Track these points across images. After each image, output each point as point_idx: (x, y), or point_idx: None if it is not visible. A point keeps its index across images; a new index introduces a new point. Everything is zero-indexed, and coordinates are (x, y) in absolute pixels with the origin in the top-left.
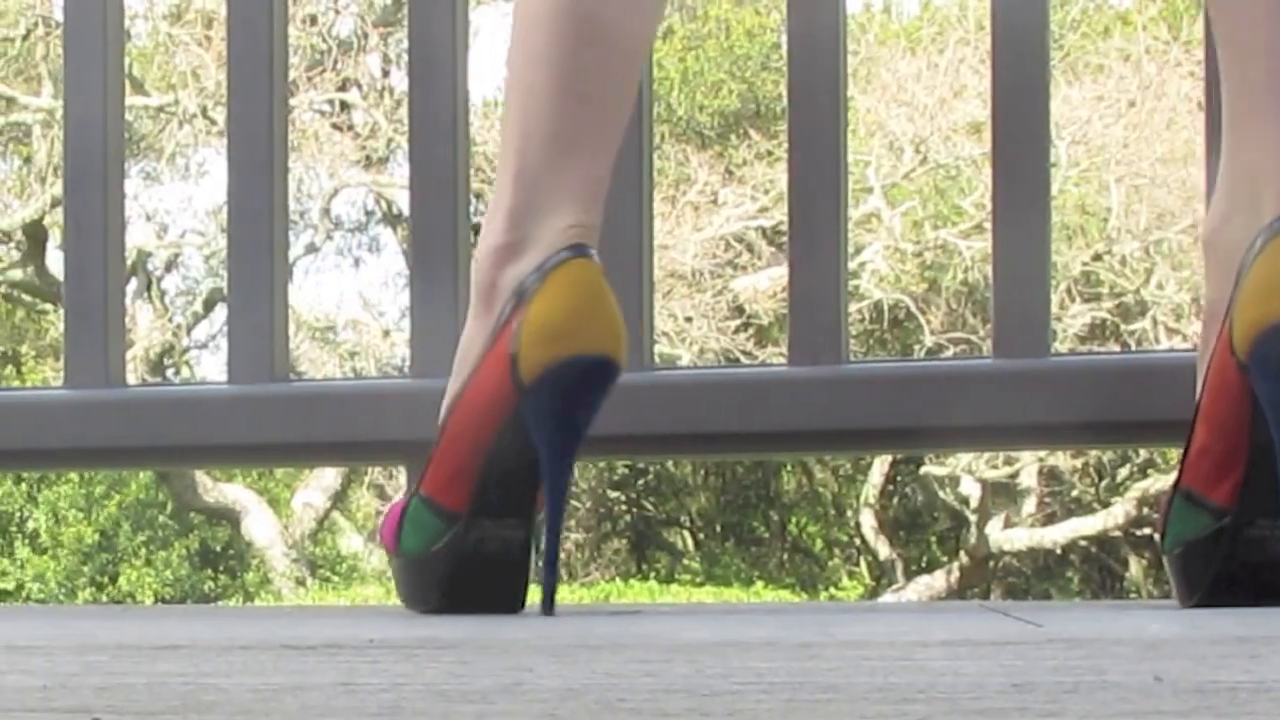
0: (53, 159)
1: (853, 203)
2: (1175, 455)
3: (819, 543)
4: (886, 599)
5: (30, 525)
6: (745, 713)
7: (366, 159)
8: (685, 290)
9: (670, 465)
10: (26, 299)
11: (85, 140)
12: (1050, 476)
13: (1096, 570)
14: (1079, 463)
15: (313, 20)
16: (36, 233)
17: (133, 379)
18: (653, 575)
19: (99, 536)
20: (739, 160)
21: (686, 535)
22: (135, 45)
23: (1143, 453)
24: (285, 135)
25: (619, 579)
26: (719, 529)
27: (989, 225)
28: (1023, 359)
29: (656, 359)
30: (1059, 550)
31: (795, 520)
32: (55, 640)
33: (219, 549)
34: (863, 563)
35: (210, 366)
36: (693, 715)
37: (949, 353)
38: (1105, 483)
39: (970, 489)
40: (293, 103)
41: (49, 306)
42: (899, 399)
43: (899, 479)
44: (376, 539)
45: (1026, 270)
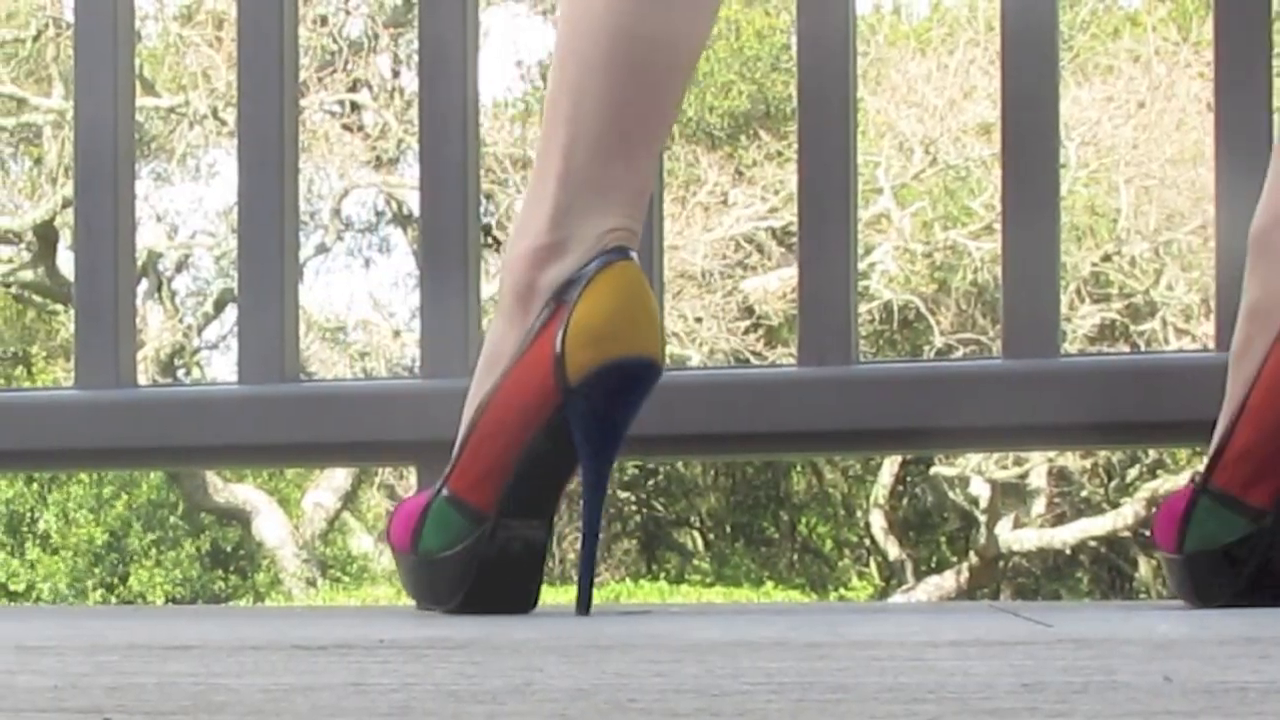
0: (63, 160)
1: (862, 203)
2: (1185, 456)
3: (829, 543)
4: (896, 599)
5: (41, 526)
6: (755, 713)
7: (377, 159)
8: (695, 291)
9: (680, 466)
10: (37, 299)
11: (96, 141)
12: (1060, 477)
13: (1106, 571)
14: (1088, 463)
15: (323, 21)
16: (47, 233)
17: (143, 379)
18: (663, 575)
19: (109, 537)
20: (749, 161)
21: (696, 536)
22: (146, 46)
23: (1152, 453)
24: (296, 136)
25: (629, 579)
26: (729, 529)
27: (999, 226)
28: (1032, 360)
29: (666, 360)
30: (1068, 551)
31: (805, 521)
32: (66, 640)
33: (229, 549)
34: (872, 563)
35: (221, 367)
36: (703, 715)
37: (958, 353)
38: (1115, 483)
39: (980, 489)
40: (303, 103)
41: (60, 307)
42: (909, 399)
43: (909, 479)
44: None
45: (1036, 271)
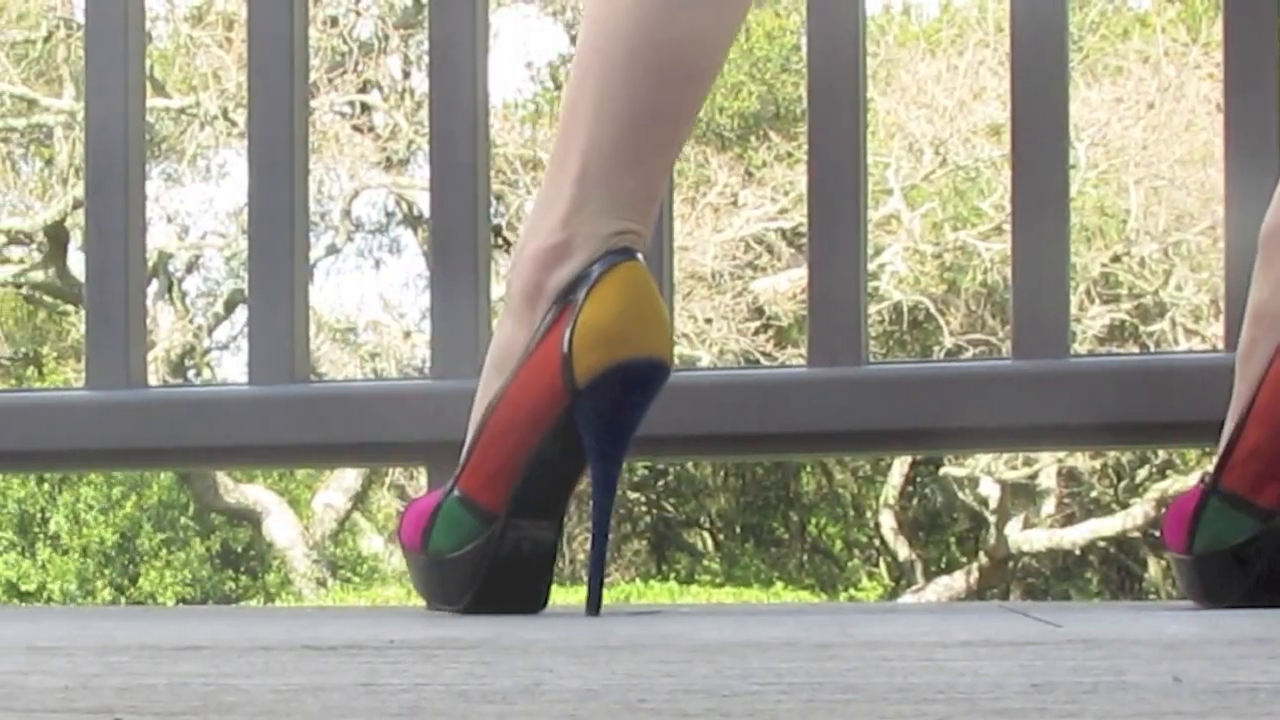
0: (74, 161)
1: (872, 204)
2: (1194, 456)
3: (838, 544)
4: (906, 600)
5: (51, 526)
6: (765, 713)
7: (387, 160)
8: (705, 292)
9: (690, 466)
10: (48, 300)
11: (106, 142)
12: (1069, 477)
13: (1115, 571)
14: (1098, 464)
15: (333, 22)
16: (58, 234)
17: (154, 380)
18: (673, 576)
19: (119, 538)
20: (759, 162)
21: (706, 536)
22: (156, 47)
23: (1161, 454)
24: (306, 137)
25: (639, 580)
26: (739, 530)
27: (1008, 227)
28: (1042, 360)
29: (676, 360)
30: (1078, 551)
31: (815, 521)
32: (76, 641)
33: (240, 550)
34: (882, 563)
35: (231, 368)
36: (712, 716)
37: (968, 354)
38: (1124, 484)
39: (989, 490)
40: (313, 104)
41: (70, 308)
42: (918, 400)
43: (918, 480)
44: (395, 538)
45: (1046, 272)
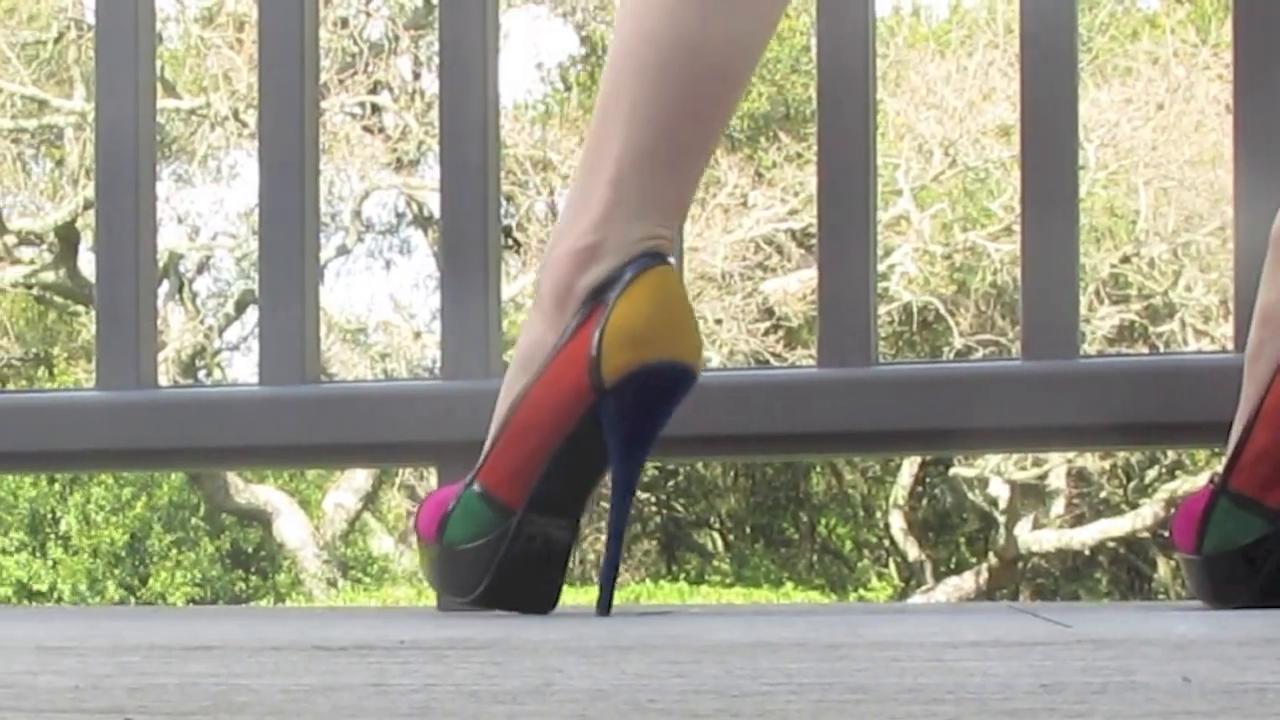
0: (85, 161)
1: (882, 205)
2: (1204, 457)
3: (848, 544)
4: (915, 600)
5: (62, 526)
6: (775, 713)
7: (397, 161)
8: (715, 292)
9: (700, 466)
10: (58, 301)
11: (117, 143)
12: (1079, 478)
13: (1125, 571)
14: (1107, 464)
15: (344, 23)
16: (68, 235)
17: (164, 381)
18: (683, 576)
19: (129, 538)
20: (769, 163)
21: (716, 536)
22: (167, 48)
23: (1171, 454)
24: (316, 137)
25: (649, 580)
26: (749, 530)
27: (1018, 228)
28: (1051, 361)
29: None
30: (1087, 551)
31: (824, 521)
32: (87, 641)
33: (250, 550)
34: (892, 564)
35: (242, 368)
36: (722, 716)
37: (978, 355)
38: (1134, 484)
39: (999, 490)
40: (324, 105)
41: (81, 308)
42: (928, 401)
43: (928, 480)
44: (412, 525)
45: (1055, 272)
